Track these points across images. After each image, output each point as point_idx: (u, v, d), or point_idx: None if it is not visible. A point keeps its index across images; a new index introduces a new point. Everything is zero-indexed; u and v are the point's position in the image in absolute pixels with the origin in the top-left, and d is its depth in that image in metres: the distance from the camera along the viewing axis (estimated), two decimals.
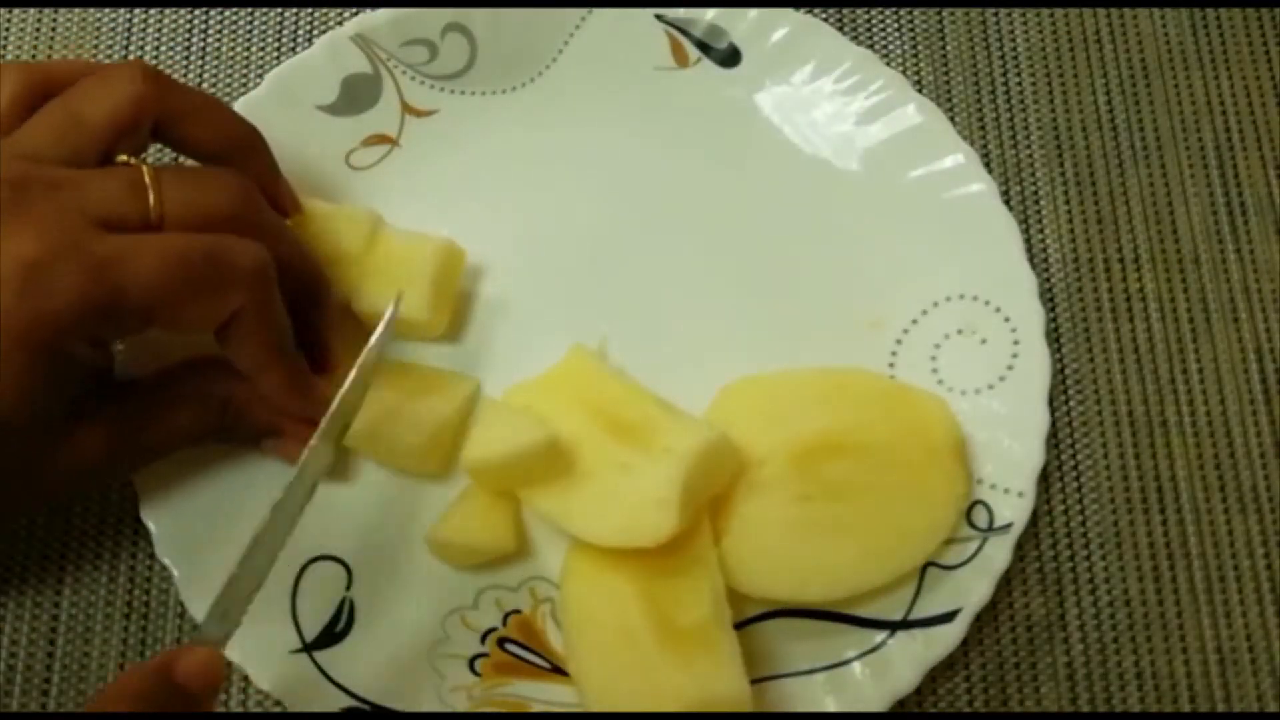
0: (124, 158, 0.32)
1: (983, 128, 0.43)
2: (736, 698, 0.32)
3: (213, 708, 0.30)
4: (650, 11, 0.42)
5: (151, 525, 0.36)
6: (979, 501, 0.37)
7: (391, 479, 0.38)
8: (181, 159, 0.36)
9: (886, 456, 0.36)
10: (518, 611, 0.36)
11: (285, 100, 0.40)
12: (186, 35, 0.44)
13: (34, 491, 0.33)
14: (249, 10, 0.44)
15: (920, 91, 0.42)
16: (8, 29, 0.44)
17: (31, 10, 0.44)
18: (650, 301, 0.40)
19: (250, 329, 0.32)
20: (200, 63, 0.43)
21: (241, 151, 0.35)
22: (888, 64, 0.42)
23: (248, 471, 0.37)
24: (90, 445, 0.33)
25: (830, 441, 0.36)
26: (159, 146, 0.36)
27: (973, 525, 0.36)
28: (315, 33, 0.44)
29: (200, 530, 0.36)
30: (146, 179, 0.31)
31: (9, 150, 0.31)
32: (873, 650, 0.35)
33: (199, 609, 0.35)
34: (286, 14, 0.44)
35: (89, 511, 0.38)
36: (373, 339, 0.34)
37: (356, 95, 0.41)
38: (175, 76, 0.43)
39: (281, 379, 0.34)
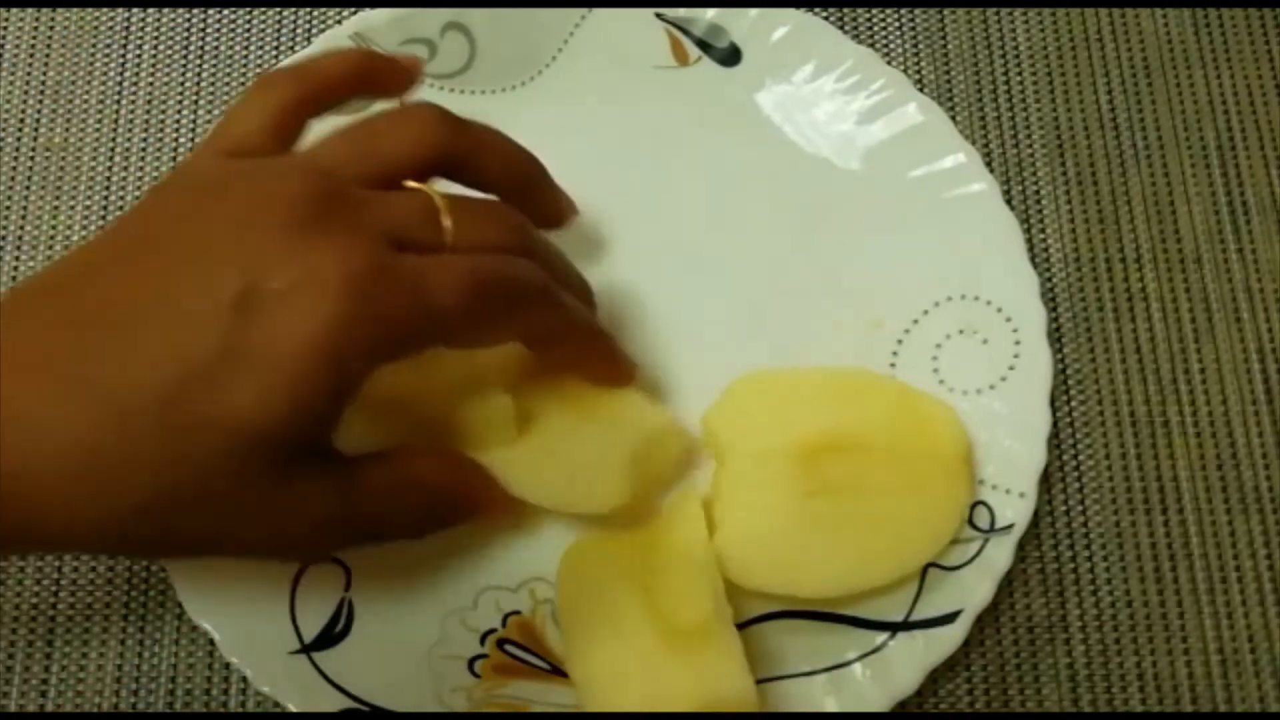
0: (411, 184, 0.32)
1: (984, 127, 0.43)
2: (741, 696, 0.32)
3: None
4: (650, 10, 0.42)
5: None
6: (980, 502, 0.37)
7: None
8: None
9: (892, 459, 0.35)
10: (517, 613, 0.36)
11: None
12: (185, 35, 0.44)
13: (257, 529, 0.30)
14: (247, 10, 0.44)
15: (921, 91, 0.42)
16: (6, 29, 0.44)
17: (30, 10, 0.44)
18: (649, 301, 0.40)
19: (557, 335, 0.33)
20: (199, 62, 0.43)
21: (526, 183, 0.35)
22: (889, 63, 0.42)
23: None
24: (310, 501, 0.30)
25: (837, 441, 0.36)
26: None
27: (974, 526, 0.36)
28: (314, 32, 0.44)
29: None
30: (439, 204, 0.31)
31: (306, 162, 0.31)
32: (874, 651, 0.35)
33: (197, 610, 0.35)
34: (285, 13, 0.44)
35: None
36: None
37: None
38: (174, 76, 0.43)
39: (604, 354, 0.35)
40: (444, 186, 0.33)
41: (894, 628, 0.35)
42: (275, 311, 0.27)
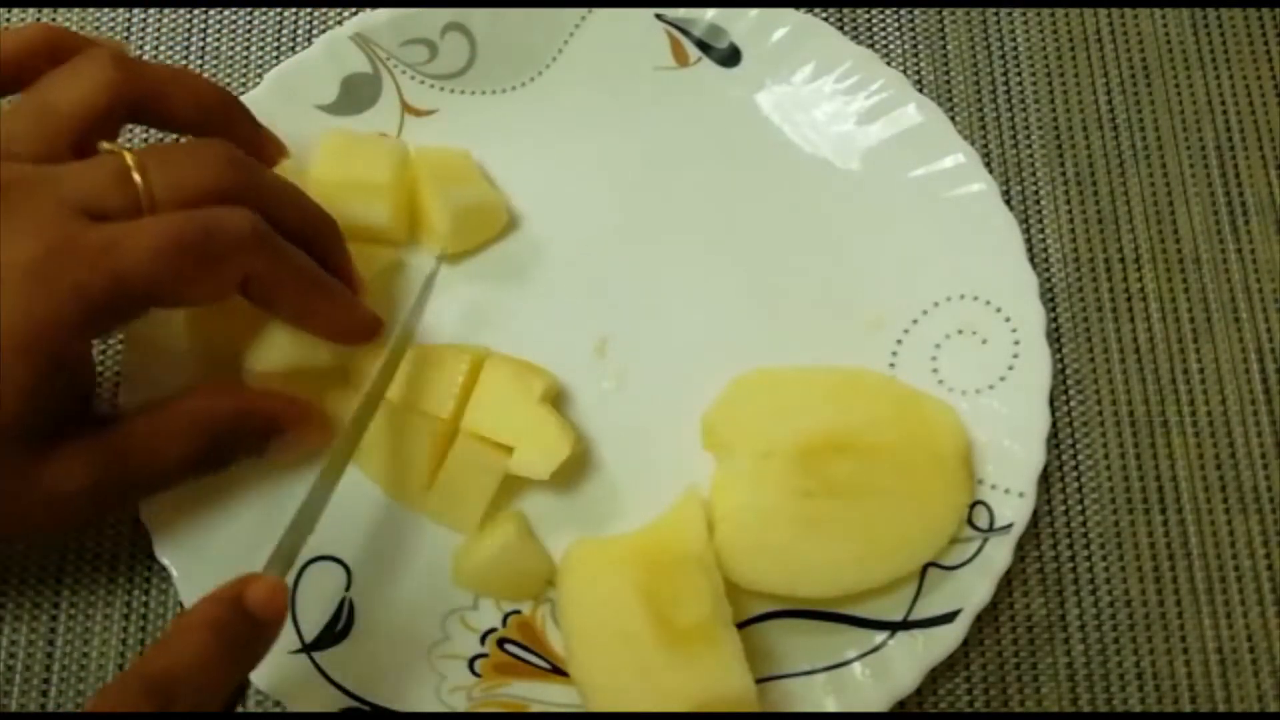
0: (105, 145, 0.32)
1: (983, 127, 0.43)
2: (740, 696, 0.32)
3: (274, 640, 0.30)
4: (650, 11, 0.42)
5: (150, 526, 0.36)
6: (979, 502, 0.37)
7: None
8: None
9: (892, 459, 0.35)
10: (517, 612, 0.36)
11: (285, 100, 0.40)
12: (186, 35, 0.44)
13: (11, 517, 0.31)
14: (248, 10, 0.44)
15: (921, 91, 0.42)
16: (7, 29, 0.44)
17: (31, 10, 0.44)
18: (649, 300, 0.40)
19: (272, 284, 0.32)
20: (200, 62, 0.43)
21: (220, 118, 0.34)
22: (888, 63, 0.42)
23: (247, 472, 0.37)
24: (73, 470, 0.31)
25: (837, 440, 0.36)
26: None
27: (973, 526, 0.36)
28: (315, 32, 0.44)
29: (199, 530, 0.36)
30: (130, 164, 0.31)
31: None
32: (873, 650, 0.35)
33: None
34: (286, 13, 0.44)
35: None
36: (409, 311, 0.36)
37: (356, 95, 0.41)
38: None
39: (332, 304, 0.34)
40: None
41: (893, 627, 0.35)
42: None
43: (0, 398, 0.29)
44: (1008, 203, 0.41)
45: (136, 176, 0.31)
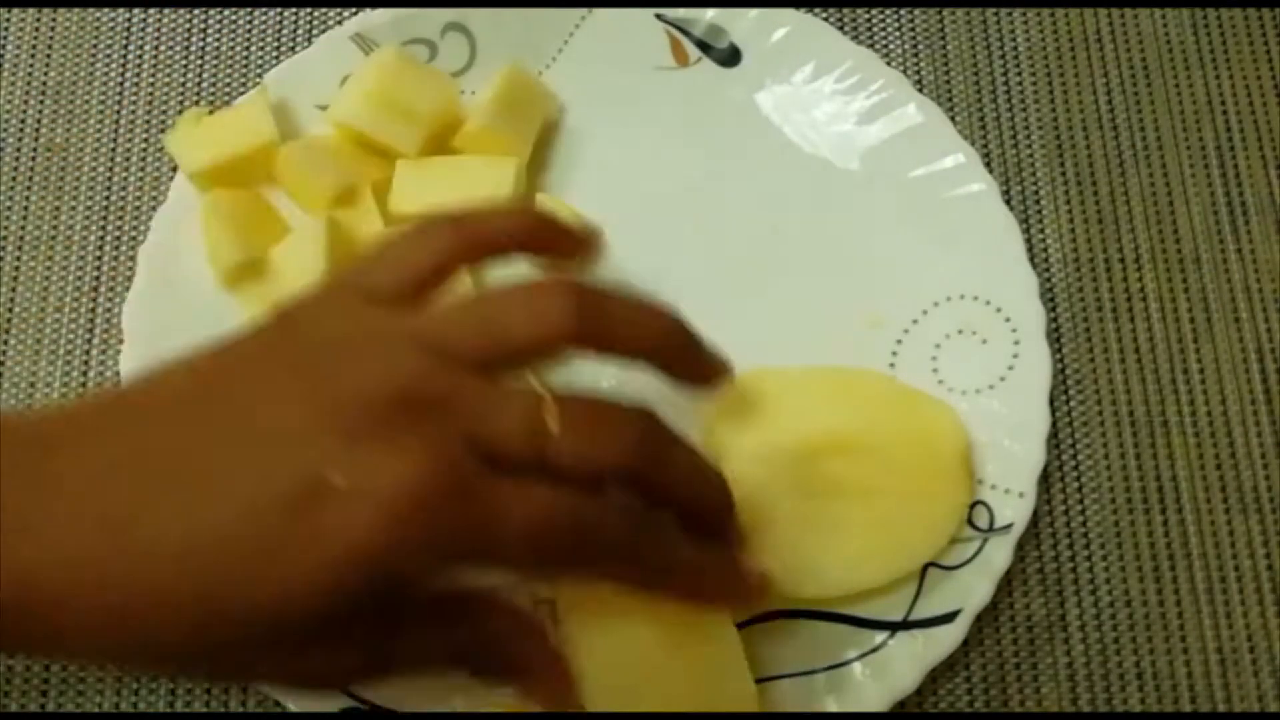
0: (532, 384, 0.30)
1: (983, 127, 0.43)
2: (740, 696, 0.32)
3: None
4: (650, 11, 0.42)
5: None
6: (979, 502, 0.37)
7: None
8: None
9: (891, 460, 0.35)
10: None
11: (284, 100, 0.40)
12: (186, 35, 0.44)
13: (269, 680, 0.31)
14: (248, 10, 0.44)
15: (921, 91, 0.42)
16: (6, 29, 0.44)
17: (30, 10, 0.44)
18: None
19: (638, 581, 0.31)
20: (200, 62, 0.43)
21: (662, 351, 0.32)
22: (888, 63, 0.42)
23: None
24: (346, 659, 0.29)
25: (836, 440, 0.36)
26: None
27: (973, 526, 0.36)
28: (315, 32, 0.44)
29: None
30: (549, 420, 0.28)
31: (420, 337, 0.28)
32: (873, 651, 0.35)
33: None
34: (286, 13, 0.44)
35: None
36: None
37: None
38: (174, 76, 0.43)
39: (682, 588, 0.32)
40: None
41: (893, 627, 0.35)
42: (328, 511, 0.26)
43: (303, 597, 0.26)
44: (1008, 203, 0.41)
45: (549, 442, 0.28)
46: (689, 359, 0.33)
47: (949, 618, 0.35)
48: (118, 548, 0.26)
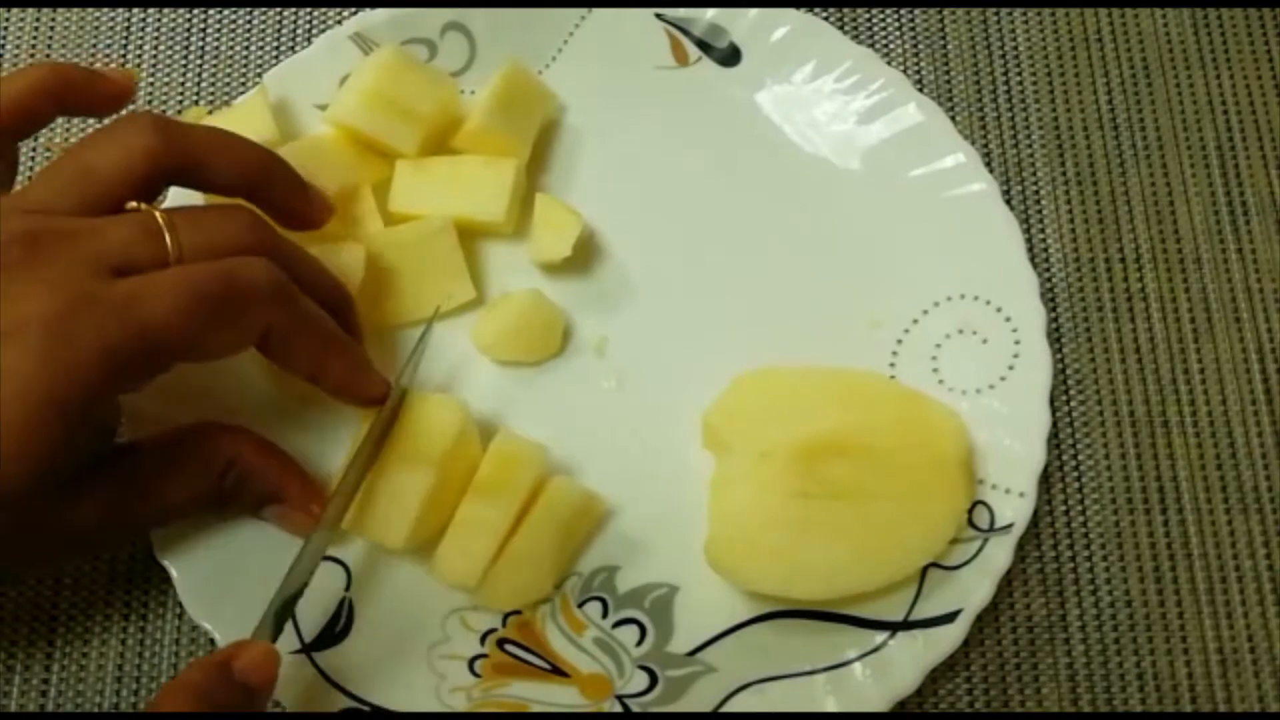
0: (134, 204, 0.32)
1: (984, 127, 0.43)
2: None
3: (265, 706, 0.30)
4: (650, 11, 0.42)
5: None
6: (980, 502, 0.37)
7: None
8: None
9: (892, 462, 0.35)
10: (518, 612, 0.36)
11: (284, 99, 0.40)
12: (185, 35, 0.44)
13: (23, 557, 0.32)
14: (248, 10, 0.44)
15: (921, 90, 0.42)
16: (6, 28, 0.44)
17: (30, 10, 0.44)
18: (649, 300, 0.40)
19: (291, 337, 0.33)
20: (199, 62, 0.43)
21: (262, 180, 0.34)
22: (888, 63, 0.42)
23: None
24: (85, 512, 0.32)
25: (837, 442, 0.36)
26: None
27: (974, 526, 0.36)
28: (314, 32, 0.44)
29: (199, 532, 0.36)
30: (160, 222, 0.31)
31: (16, 204, 0.31)
32: (874, 651, 0.35)
33: (198, 610, 0.35)
34: (285, 13, 0.44)
35: None
36: (403, 370, 0.36)
37: None
38: (174, 76, 0.43)
39: (346, 363, 0.34)
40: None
41: (894, 627, 0.35)
42: None
43: (26, 456, 0.28)
44: (1008, 202, 0.41)
45: (165, 233, 0.31)
46: (287, 191, 0.35)
47: (949, 618, 0.35)
48: None
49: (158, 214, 0.31)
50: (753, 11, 0.42)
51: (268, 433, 0.36)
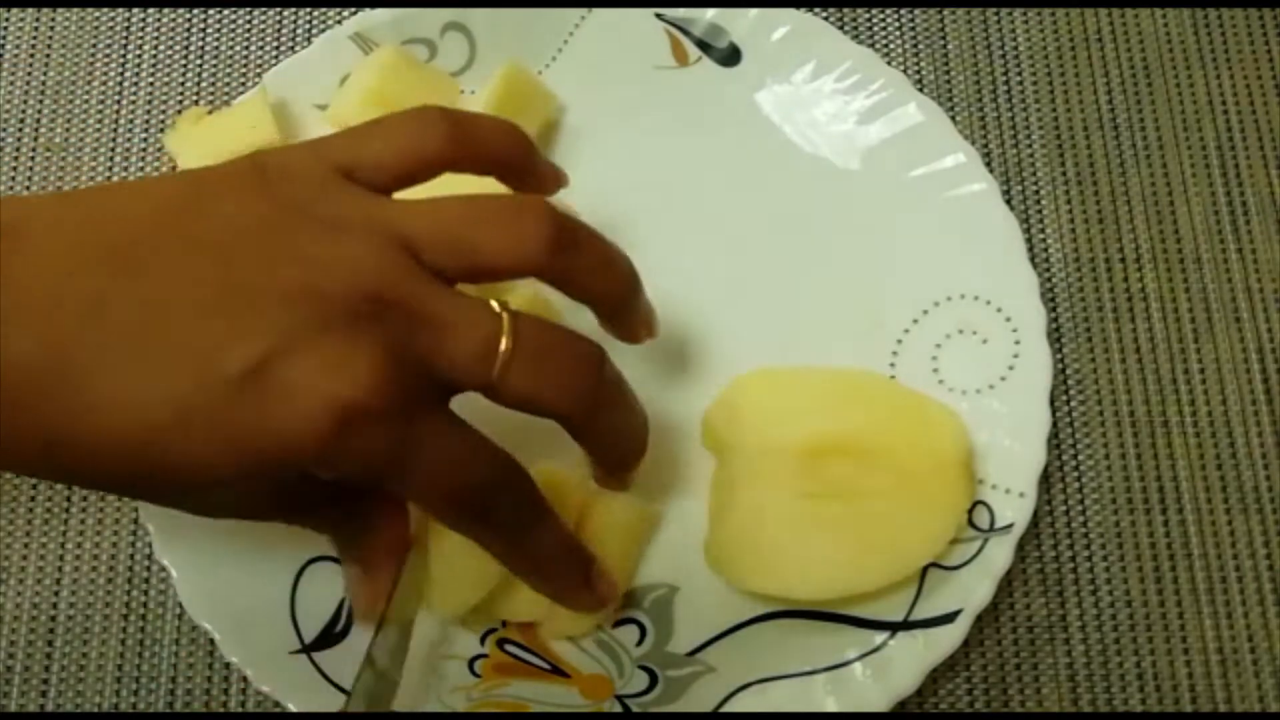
0: (495, 304, 0.29)
1: (984, 127, 0.43)
2: None
3: None
4: (650, 10, 0.42)
5: (150, 526, 0.36)
6: (980, 502, 0.37)
7: None
8: None
9: (891, 463, 0.35)
10: None
11: (284, 99, 0.40)
12: (185, 34, 0.44)
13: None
14: (247, 10, 0.44)
15: (921, 90, 0.42)
16: (6, 29, 0.44)
17: (30, 10, 0.44)
18: (650, 299, 0.40)
19: (491, 552, 0.31)
20: (199, 62, 0.43)
21: (614, 304, 0.32)
22: (889, 63, 0.42)
23: None
24: (254, 507, 0.33)
25: (838, 442, 0.36)
26: None
27: (974, 526, 0.36)
28: (314, 32, 0.44)
29: (199, 531, 0.36)
30: (503, 347, 0.28)
31: (394, 230, 0.28)
32: (874, 651, 0.35)
33: (197, 610, 0.35)
34: (285, 13, 0.44)
35: (88, 512, 0.38)
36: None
37: None
38: (174, 76, 0.43)
39: (540, 578, 0.33)
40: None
41: (894, 627, 0.35)
42: (273, 396, 0.25)
43: (212, 472, 0.26)
44: (1008, 202, 0.41)
45: (499, 362, 0.28)
46: (632, 311, 0.33)
47: (949, 618, 0.35)
48: (69, 388, 0.25)
49: (505, 334, 0.28)
50: (753, 11, 0.42)
51: None
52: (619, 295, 0.32)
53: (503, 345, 0.28)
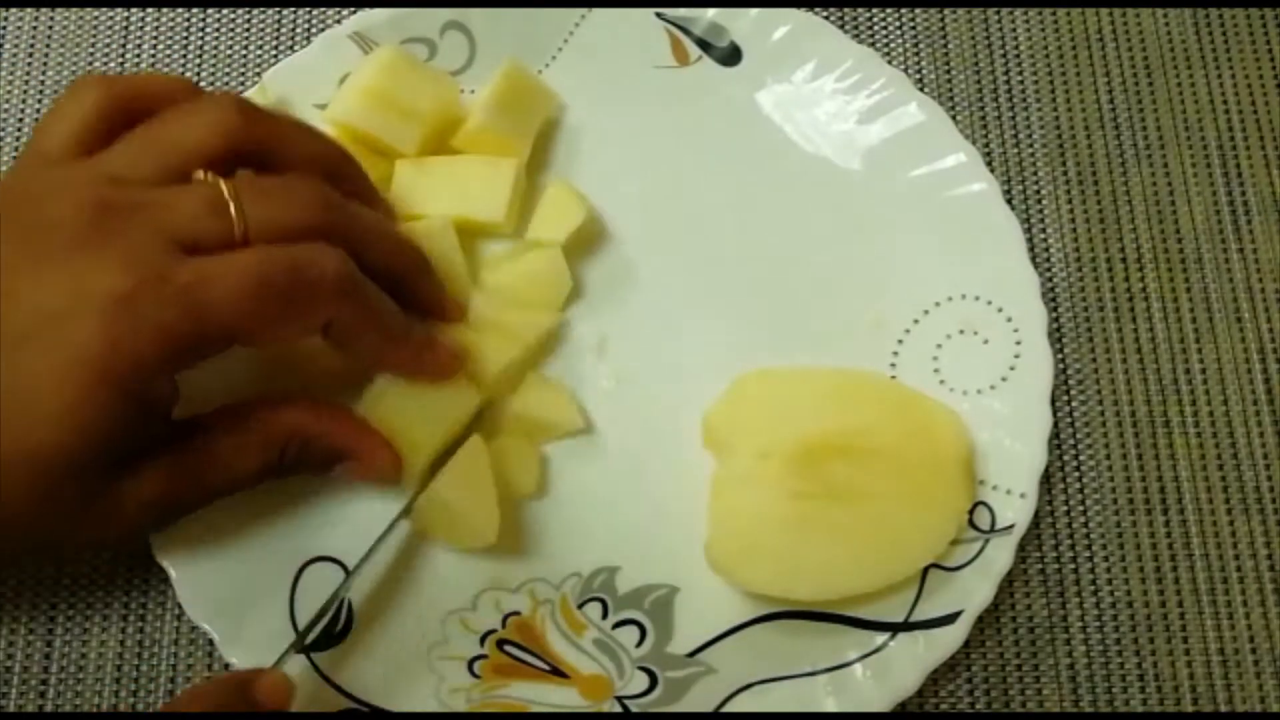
0: (200, 174, 0.32)
1: (985, 127, 0.43)
2: None
3: None
4: (650, 10, 0.42)
5: None
6: (981, 502, 0.37)
7: None
8: None
9: (892, 464, 0.35)
10: (517, 613, 0.36)
11: (283, 99, 0.40)
12: (185, 34, 0.44)
13: (86, 532, 0.32)
14: (247, 9, 0.44)
15: (922, 90, 0.42)
16: (6, 29, 0.44)
17: (30, 10, 0.44)
18: (649, 300, 0.40)
19: (353, 329, 0.33)
20: (198, 62, 0.43)
21: (332, 174, 0.34)
22: (889, 62, 0.42)
23: None
24: (149, 486, 0.32)
25: (837, 442, 0.36)
26: None
27: (975, 526, 0.36)
28: (313, 31, 0.44)
29: (198, 531, 0.36)
30: (226, 195, 0.31)
31: (94, 172, 0.31)
32: (874, 652, 0.35)
33: (196, 610, 0.35)
34: (284, 13, 0.44)
35: None
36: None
37: None
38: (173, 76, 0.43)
39: (408, 353, 0.35)
40: None
41: (894, 628, 0.35)
42: (47, 341, 0.29)
43: (80, 428, 0.29)
44: (1009, 202, 0.40)
45: (231, 206, 0.31)
46: (357, 184, 0.35)
47: (950, 619, 0.35)
48: None
49: (224, 185, 0.31)
50: (753, 11, 0.42)
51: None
52: (327, 161, 0.34)
53: (226, 193, 0.31)
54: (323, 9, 0.44)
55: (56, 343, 0.29)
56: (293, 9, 0.44)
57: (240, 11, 0.44)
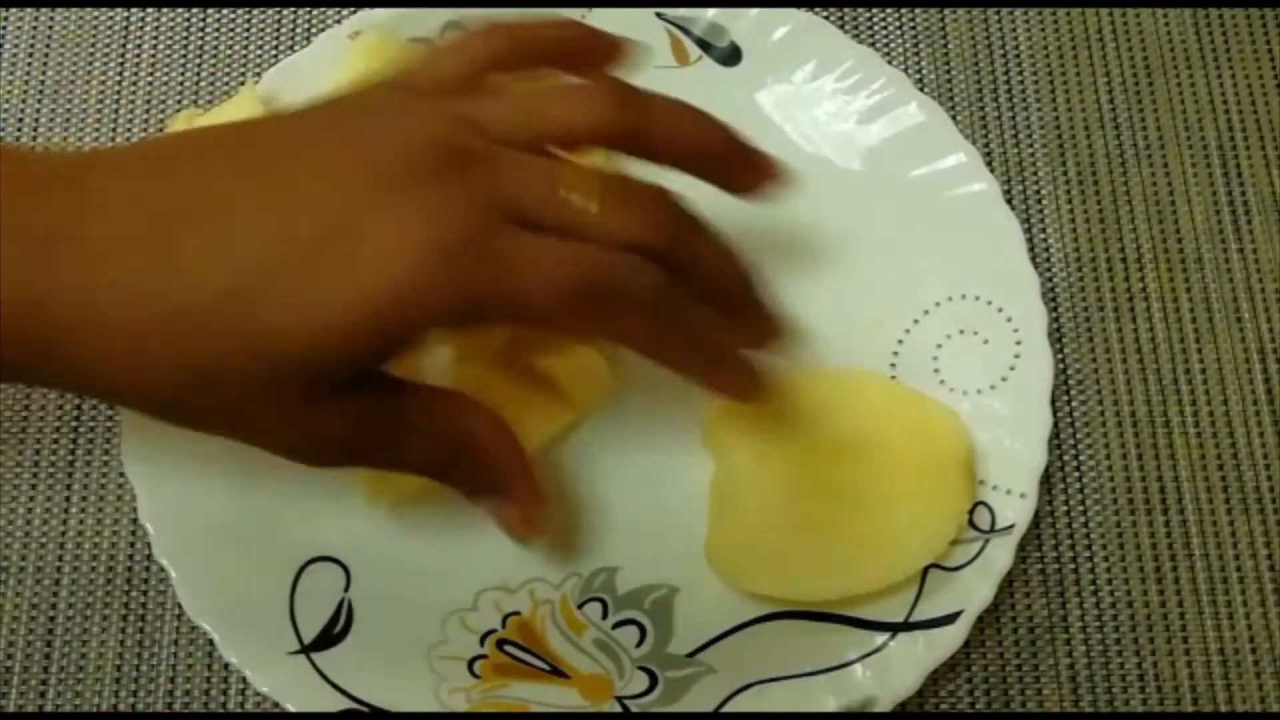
0: (559, 152, 0.30)
1: (985, 127, 0.43)
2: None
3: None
4: (650, 10, 0.42)
5: (150, 526, 0.36)
6: (981, 503, 0.37)
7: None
8: None
9: (891, 464, 0.35)
10: (517, 613, 0.36)
11: (283, 99, 0.40)
12: (184, 34, 0.44)
13: (282, 440, 0.30)
14: (247, 10, 0.44)
15: (922, 90, 0.42)
16: (6, 29, 0.44)
17: (30, 10, 0.44)
18: None
19: (649, 346, 0.31)
20: (198, 61, 0.43)
21: (709, 158, 0.33)
22: (889, 62, 0.42)
23: (248, 473, 0.37)
24: (333, 424, 0.30)
25: (838, 442, 0.36)
26: None
27: (975, 527, 0.36)
28: (314, 31, 0.44)
29: (199, 531, 0.36)
30: (581, 185, 0.29)
31: (459, 111, 0.30)
32: (874, 652, 0.35)
33: (197, 610, 0.35)
34: (285, 13, 0.44)
35: (87, 511, 0.38)
36: None
37: None
38: (174, 76, 0.43)
39: (724, 381, 0.33)
40: None
41: (894, 628, 0.35)
42: (355, 255, 0.27)
43: (323, 341, 0.27)
44: (1009, 202, 0.40)
45: (592, 202, 0.29)
46: (736, 163, 0.34)
47: (950, 619, 0.35)
48: (161, 269, 0.27)
49: (582, 181, 0.29)
50: (753, 11, 0.42)
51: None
52: (708, 147, 0.33)
53: (581, 178, 0.29)
54: (323, 9, 0.44)
55: (365, 264, 0.27)
56: (293, 9, 0.44)
57: (240, 11, 0.44)
